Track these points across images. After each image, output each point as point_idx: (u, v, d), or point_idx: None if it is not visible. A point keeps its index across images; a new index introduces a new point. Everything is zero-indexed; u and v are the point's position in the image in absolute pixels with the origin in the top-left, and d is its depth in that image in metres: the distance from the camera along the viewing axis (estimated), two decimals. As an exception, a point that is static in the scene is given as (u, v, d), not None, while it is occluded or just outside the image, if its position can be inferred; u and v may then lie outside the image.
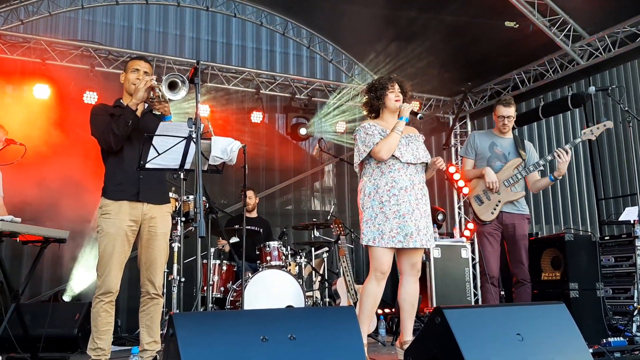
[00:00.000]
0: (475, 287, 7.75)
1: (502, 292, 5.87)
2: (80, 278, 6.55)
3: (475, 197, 4.56)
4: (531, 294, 4.58)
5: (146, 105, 3.57)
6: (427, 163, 3.94)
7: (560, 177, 4.57)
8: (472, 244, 8.27)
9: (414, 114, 3.95)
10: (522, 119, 8.00)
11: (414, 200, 3.77)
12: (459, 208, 8.77)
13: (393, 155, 3.78)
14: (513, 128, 4.84)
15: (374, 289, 3.77)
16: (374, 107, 4.01)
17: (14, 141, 4.45)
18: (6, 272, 4.69)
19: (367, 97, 4.06)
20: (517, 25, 6.44)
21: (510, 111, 4.64)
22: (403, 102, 3.93)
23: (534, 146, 4.92)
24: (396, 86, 3.96)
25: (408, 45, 7.30)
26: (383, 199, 3.74)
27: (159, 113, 3.46)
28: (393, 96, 3.92)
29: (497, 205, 4.48)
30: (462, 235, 8.01)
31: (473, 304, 7.24)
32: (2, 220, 4.19)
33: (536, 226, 10.09)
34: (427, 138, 9.23)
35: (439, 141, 9.11)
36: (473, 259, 7.64)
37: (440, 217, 7.86)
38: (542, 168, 4.59)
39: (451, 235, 7.71)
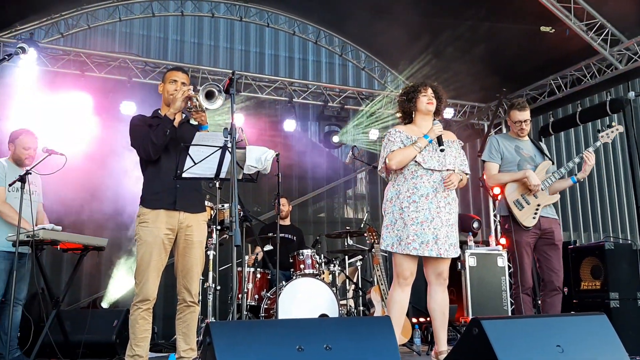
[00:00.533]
0: (512, 296, 7.60)
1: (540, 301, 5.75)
2: (118, 285, 6.66)
3: (515, 202, 4.36)
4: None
5: (184, 115, 3.63)
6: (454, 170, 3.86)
7: (582, 180, 4.49)
8: (509, 252, 8.13)
9: (438, 142, 3.82)
10: (559, 125, 7.86)
11: (435, 208, 3.71)
12: (495, 216, 8.64)
13: (415, 161, 3.75)
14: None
15: (399, 295, 3.75)
16: (406, 110, 3.99)
17: (54, 151, 4.55)
18: (47, 279, 4.81)
19: (400, 101, 4.05)
20: (553, 30, 6.34)
21: (526, 115, 4.51)
22: (437, 107, 3.91)
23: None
24: (429, 90, 3.93)
25: (442, 51, 7.26)
26: (403, 205, 3.72)
27: (196, 123, 3.51)
28: (425, 99, 3.89)
29: (537, 210, 4.34)
30: (498, 243, 7.88)
31: (510, 313, 7.11)
32: (43, 228, 4.32)
33: (574, 234, 9.88)
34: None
35: (474, 148, 9.00)
36: (510, 268, 7.50)
37: (475, 225, 7.75)
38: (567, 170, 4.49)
39: (487, 244, 7.60)
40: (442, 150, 3.78)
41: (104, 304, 6.52)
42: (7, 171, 4.62)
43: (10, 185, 4.46)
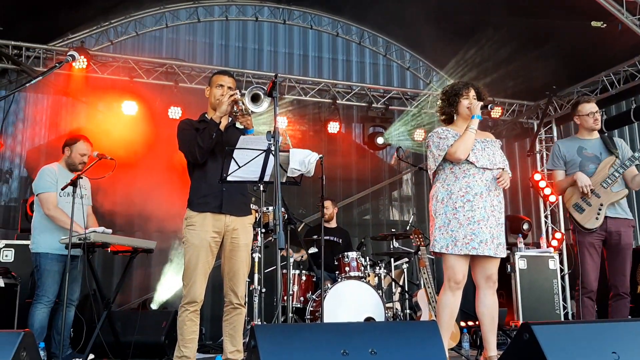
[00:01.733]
0: (564, 300, 7.38)
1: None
2: (167, 287, 6.78)
3: (574, 206, 4.24)
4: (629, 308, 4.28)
5: (230, 119, 3.66)
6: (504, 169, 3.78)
7: None
8: (560, 255, 7.90)
9: (484, 107, 3.79)
10: (613, 123, 7.58)
11: (489, 207, 3.64)
12: (546, 217, 8.41)
13: (468, 160, 3.67)
14: (602, 132, 4.57)
15: (450, 299, 3.66)
16: (447, 113, 3.91)
17: (105, 156, 4.67)
18: (98, 280, 4.94)
19: (441, 103, 3.96)
20: (605, 25, 6.11)
21: (595, 106, 4.40)
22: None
23: None
24: (472, 92, 3.84)
25: (489, 49, 7.10)
26: (457, 205, 3.63)
27: (242, 127, 3.54)
28: (466, 103, 3.80)
29: (600, 210, 4.16)
30: (549, 245, 7.67)
31: (563, 318, 6.90)
32: (94, 232, 4.43)
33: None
34: (510, 144, 8.93)
35: (523, 147, 8.78)
36: (562, 270, 7.29)
37: (525, 226, 7.55)
38: (638, 162, 4.26)
39: (537, 246, 7.40)
40: (491, 108, 3.86)
41: (154, 306, 6.65)
42: (58, 176, 4.76)
43: (62, 189, 4.60)
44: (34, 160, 6.96)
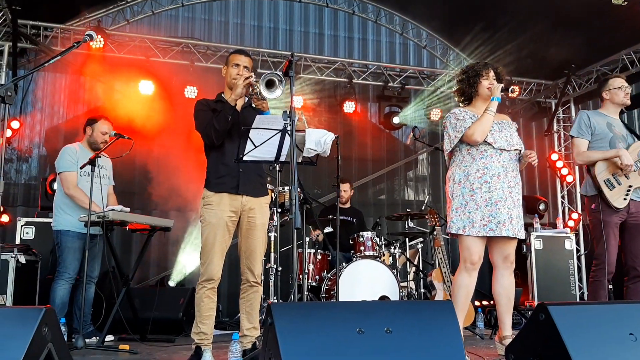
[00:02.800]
0: (580, 280, 7.36)
1: (610, 286, 5.50)
2: (184, 264, 6.88)
3: (605, 181, 4.12)
4: None
5: (246, 99, 3.66)
6: (520, 151, 3.76)
7: None
8: (577, 235, 7.85)
9: (505, 89, 3.78)
10: (633, 102, 7.45)
11: (507, 188, 3.63)
12: (562, 197, 8.34)
13: (485, 141, 3.65)
14: (622, 112, 4.49)
15: (466, 280, 3.67)
16: (466, 94, 3.88)
17: (122, 135, 4.72)
18: (117, 258, 5.02)
19: (459, 83, 3.93)
20: (626, 3, 5.98)
21: (625, 81, 4.33)
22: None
23: (635, 129, 4.51)
24: (491, 73, 3.81)
25: (506, 27, 6.99)
26: (474, 186, 3.62)
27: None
28: (487, 83, 3.78)
29: (628, 191, 4.09)
30: (565, 225, 7.63)
31: (579, 299, 6.89)
32: (113, 210, 4.49)
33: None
34: (528, 124, 8.83)
35: (541, 127, 8.68)
36: (578, 251, 7.25)
37: (542, 207, 7.51)
38: None
39: (554, 226, 7.36)
40: (512, 91, 3.75)
41: (171, 283, 6.75)
42: (79, 156, 4.83)
43: (81, 168, 4.66)
44: (53, 139, 7.04)
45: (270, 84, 3.33)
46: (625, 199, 4.10)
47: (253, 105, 3.62)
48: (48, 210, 5.67)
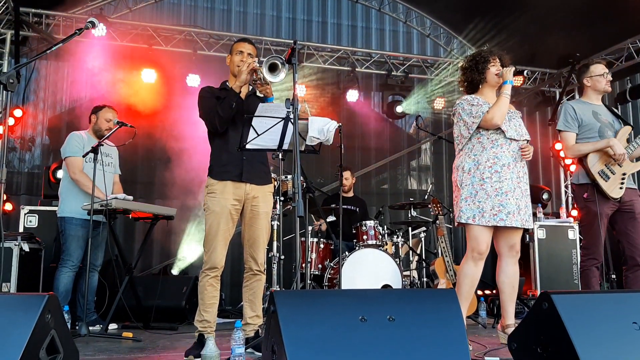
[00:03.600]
0: (582, 269, 7.35)
1: (614, 276, 5.49)
2: (187, 253, 6.89)
3: (600, 173, 4.07)
4: None
5: (250, 87, 3.65)
6: (528, 141, 3.75)
7: None
8: (580, 224, 7.84)
9: (518, 73, 3.76)
10: (639, 91, 7.41)
11: (516, 178, 3.63)
12: (566, 187, 8.32)
13: (498, 130, 3.63)
14: (626, 101, 4.45)
15: (472, 269, 3.67)
16: (474, 81, 3.84)
17: (125, 123, 4.72)
18: (121, 246, 5.03)
19: (466, 71, 3.89)
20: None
21: (606, 68, 4.29)
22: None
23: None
24: (498, 60, 3.80)
25: (510, 15, 6.93)
26: (484, 176, 3.61)
27: (262, 95, 3.53)
28: (494, 69, 3.77)
29: (623, 180, 4.06)
30: (569, 215, 7.61)
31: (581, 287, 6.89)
32: (116, 198, 4.50)
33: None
34: (531, 113, 8.80)
35: (545, 116, 8.65)
36: (581, 240, 7.23)
37: (545, 196, 7.50)
38: None
39: (557, 216, 7.35)
40: (527, 75, 3.75)
41: (174, 271, 6.76)
42: (85, 143, 4.84)
43: (84, 156, 4.66)
44: (55, 128, 7.04)
45: (273, 68, 3.32)
46: (621, 188, 4.06)
47: (257, 92, 3.61)
48: (51, 199, 5.68)
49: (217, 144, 3.59)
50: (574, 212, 7.87)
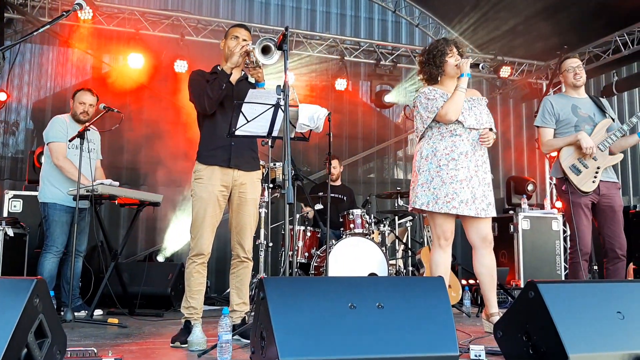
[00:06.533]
0: (565, 260, 7.44)
1: (596, 267, 5.57)
2: (173, 240, 6.86)
3: (570, 167, 4.13)
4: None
5: (242, 72, 3.63)
6: (491, 129, 3.74)
7: None
8: (564, 216, 7.93)
9: (475, 65, 3.77)
10: (625, 84, 7.49)
11: (474, 167, 3.64)
12: (551, 179, 8.40)
13: (456, 120, 3.64)
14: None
15: (441, 257, 3.72)
16: (433, 75, 3.82)
17: (111, 108, 4.66)
18: (106, 232, 5.00)
19: (424, 65, 3.87)
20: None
21: (578, 61, 4.31)
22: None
23: (624, 111, 4.52)
24: (454, 49, 3.77)
25: (498, 6, 6.95)
26: (441, 163, 3.63)
27: (254, 80, 3.51)
28: (453, 61, 3.74)
29: (596, 173, 4.10)
30: (553, 206, 7.69)
31: (564, 279, 6.98)
32: (101, 183, 4.46)
33: (634, 198, 9.50)
34: (518, 105, 8.86)
35: (531, 108, 8.70)
36: (564, 232, 7.32)
37: (530, 187, 7.56)
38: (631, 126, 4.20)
39: (542, 207, 7.42)
40: (483, 68, 3.92)
41: (160, 258, 6.74)
42: (68, 127, 4.77)
43: (70, 141, 4.60)
44: (40, 112, 6.95)
45: (266, 50, 3.30)
46: (594, 182, 4.10)
47: (249, 78, 3.58)
48: (36, 184, 5.61)
49: (206, 129, 3.57)
50: (558, 204, 7.96)
